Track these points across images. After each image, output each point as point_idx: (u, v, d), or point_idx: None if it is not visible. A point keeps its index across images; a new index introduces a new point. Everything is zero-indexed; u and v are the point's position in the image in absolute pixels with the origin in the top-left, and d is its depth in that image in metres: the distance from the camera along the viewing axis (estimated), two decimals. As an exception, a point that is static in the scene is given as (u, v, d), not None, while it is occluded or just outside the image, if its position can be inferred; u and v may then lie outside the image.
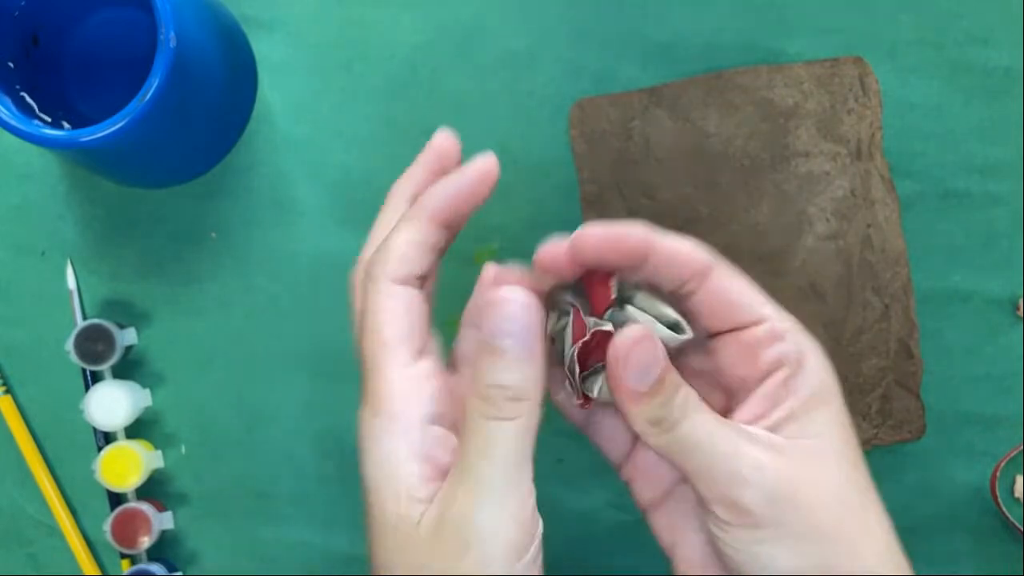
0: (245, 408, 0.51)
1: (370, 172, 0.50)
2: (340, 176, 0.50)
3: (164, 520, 0.50)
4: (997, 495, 0.48)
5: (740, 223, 0.48)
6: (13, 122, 0.42)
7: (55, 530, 0.51)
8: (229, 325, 0.51)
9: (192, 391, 0.51)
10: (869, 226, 0.48)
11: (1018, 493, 0.49)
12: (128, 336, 0.50)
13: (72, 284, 0.51)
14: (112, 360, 0.49)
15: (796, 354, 0.35)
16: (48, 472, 0.51)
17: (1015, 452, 0.49)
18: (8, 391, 0.51)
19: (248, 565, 0.51)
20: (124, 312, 0.51)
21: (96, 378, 0.50)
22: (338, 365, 0.50)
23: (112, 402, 0.49)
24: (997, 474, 0.49)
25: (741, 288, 0.36)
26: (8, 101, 0.43)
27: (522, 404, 0.33)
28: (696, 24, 0.50)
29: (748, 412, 0.35)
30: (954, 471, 0.49)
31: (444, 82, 0.50)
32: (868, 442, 0.48)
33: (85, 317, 0.51)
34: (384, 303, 0.35)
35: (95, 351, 0.49)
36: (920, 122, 0.49)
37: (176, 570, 0.51)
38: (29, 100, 0.45)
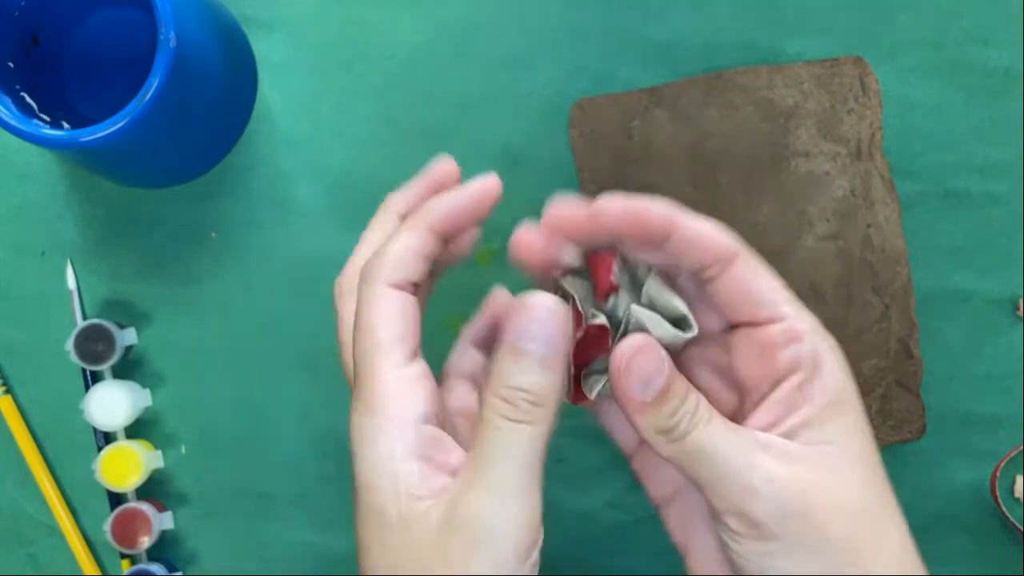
0: (245, 408, 0.51)
1: (370, 172, 0.50)
2: (340, 176, 0.50)
3: (164, 520, 0.50)
4: (997, 495, 0.48)
5: (740, 223, 0.48)
6: (13, 122, 0.42)
7: (55, 530, 0.51)
8: (229, 325, 0.51)
9: (192, 391, 0.51)
10: (869, 226, 0.48)
11: (1018, 493, 0.49)
12: (128, 336, 0.50)
13: (72, 284, 0.51)
14: (112, 360, 0.49)
15: (812, 357, 0.34)
16: (48, 472, 0.51)
17: (1015, 452, 0.49)
18: (8, 391, 0.51)
19: (248, 565, 0.51)
20: (124, 312, 0.51)
21: (96, 378, 0.50)
22: (338, 365, 0.50)
23: (112, 402, 0.49)
24: (997, 474, 0.49)
25: (763, 282, 0.35)
26: (8, 101, 0.43)
27: (541, 409, 0.33)
28: (696, 24, 0.50)
29: (763, 418, 0.34)
30: (954, 471, 0.49)
31: (444, 82, 0.50)
32: (868, 442, 0.48)
33: (85, 317, 0.51)
34: (379, 305, 0.35)
35: (95, 351, 0.49)
36: (920, 122, 0.49)
37: (176, 570, 0.51)
38: (29, 100, 0.45)
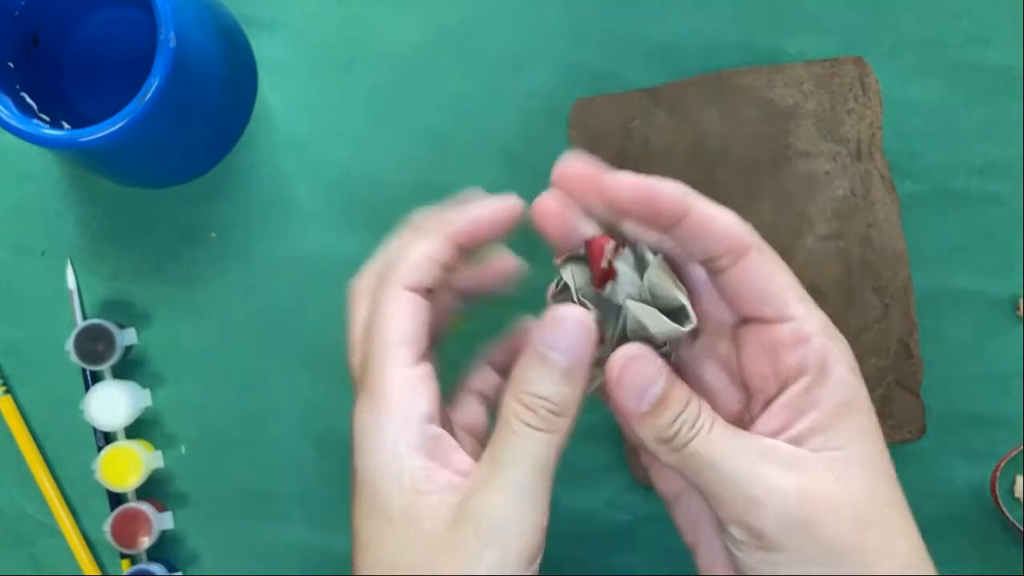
0: (245, 408, 0.51)
1: (370, 172, 0.50)
2: (340, 176, 0.50)
3: (164, 520, 0.50)
4: (997, 495, 0.48)
5: (740, 223, 0.48)
6: (13, 122, 0.42)
7: (55, 530, 0.51)
8: (229, 325, 0.51)
9: (192, 391, 0.51)
10: (869, 226, 0.48)
11: (1018, 493, 0.49)
12: (128, 336, 0.50)
13: (72, 284, 0.51)
14: (112, 360, 0.49)
15: (820, 361, 0.33)
16: (48, 472, 0.51)
17: (1015, 452, 0.49)
18: (8, 391, 0.51)
19: (248, 565, 0.51)
20: (124, 312, 0.51)
21: (96, 378, 0.50)
22: (338, 365, 0.50)
23: (112, 402, 0.49)
24: (997, 474, 0.49)
25: (775, 279, 0.34)
26: (8, 101, 0.43)
27: (560, 419, 0.33)
28: (696, 24, 0.50)
29: (770, 422, 0.34)
30: (954, 471, 0.49)
31: (444, 82, 0.50)
32: (868, 442, 0.48)
33: (85, 317, 0.51)
34: (392, 305, 0.35)
35: (95, 351, 0.49)
36: (920, 122, 0.49)
37: (176, 570, 0.51)
38: (29, 100, 0.45)
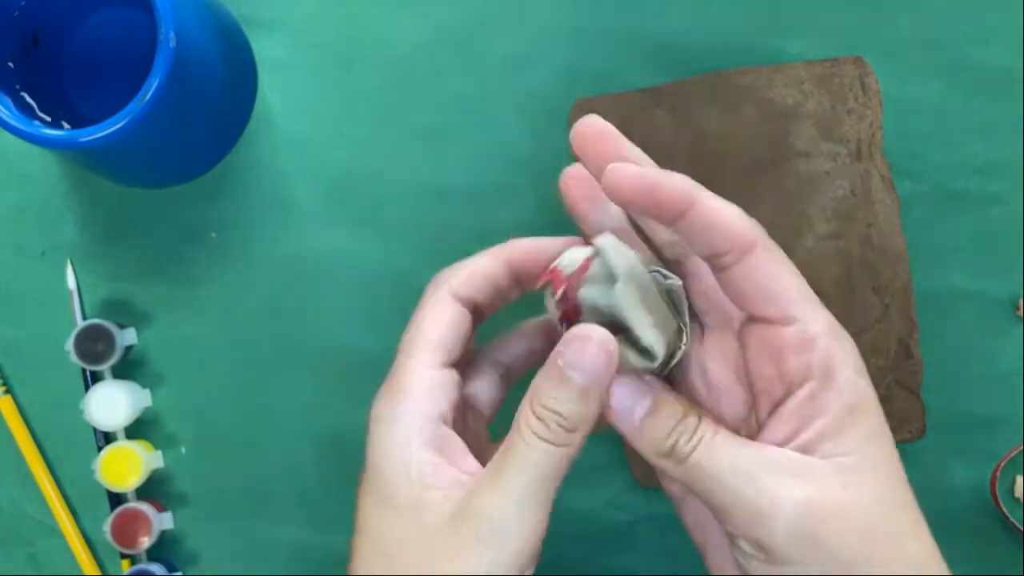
0: (245, 408, 0.51)
1: (370, 172, 0.50)
2: (340, 176, 0.50)
3: (164, 520, 0.50)
4: (997, 495, 0.48)
5: (740, 223, 0.48)
6: (13, 122, 0.42)
7: (55, 530, 0.51)
8: (229, 325, 0.51)
9: (192, 391, 0.51)
10: (869, 226, 0.48)
11: (1018, 493, 0.49)
12: (128, 336, 0.50)
13: (72, 284, 0.51)
14: (112, 360, 0.49)
15: (825, 365, 0.33)
16: (48, 472, 0.51)
17: (1015, 452, 0.49)
18: (8, 391, 0.51)
19: (248, 565, 0.51)
20: (124, 312, 0.51)
21: (96, 378, 0.50)
22: (338, 365, 0.50)
23: (112, 402, 0.49)
24: (997, 474, 0.49)
25: (779, 278, 0.34)
26: (8, 101, 0.43)
27: (572, 435, 0.33)
28: (696, 24, 0.50)
29: (778, 431, 0.33)
30: (954, 471, 0.49)
31: (444, 82, 0.50)
32: (868, 442, 0.48)
33: (85, 317, 0.51)
34: (436, 308, 0.36)
35: (95, 351, 0.49)
36: (920, 122, 0.49)
37: (176, 570, 0.51)
38: (29, 100, 0.45)
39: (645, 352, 0.34)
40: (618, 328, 0.34)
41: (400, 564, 0.33)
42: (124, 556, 0.50)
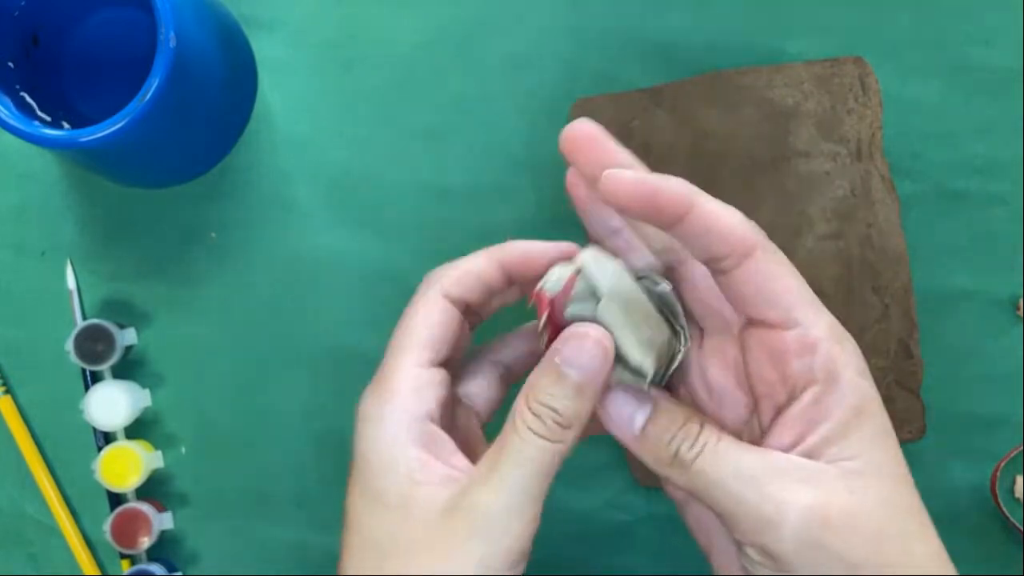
0: (245, 408, 0.51)
1: (370, 172, 0.50)
2: (340, 176, 0.50)
3: (164, 520, 0.50)
4: (997, 495, 0.48)
5: (740, 223, 0.48)
6: (13, 122, 0.42)
7: (55, 530, 0.51)
8: (229, 325, 0.51)
9: (192, 391, 0.51)
10: (869, 226, 0.48)
11: (1018, 493, 0.49)
12: (128, 336, 0.50)
13: (72, 284, 0.51)
14: (112, 360, 0.49)
15: (827, 368, 0.33)
16: (48, 472, 0.51)
17: (1015, 452, 0.49)
18: (8, 391, 0.51)
19: (248, 565, 0.51)
20: (124, 312, 0.51)
21: (96, 378, 0.50)
22: (338, 365, 0.50)
23: (112, 402, 0.49)
24: (997, 474, 0.49)
25: (780, 281, 0.33)
26: (8, 101, 0.43)
27: (567, 431, 0.33)
28: (696, 24, 0.50)
29: (784, 437, 0.33)
30: (954, 471, 0.49)
31: (444, 82, 0.50)
32: (868, 442, 0.48)
33: (85, 317, 0.51)
34: (426, 307, 0.37)
35: (95, 351, 0.49)
36: (920, 122, 0.49)
37: (176, 570, 0.51)
38: (29, 100, 0.45)
39: (635, 370, 0.34)
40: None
41: (391, 559, 0.33)
42: (124, 556, 0.50)
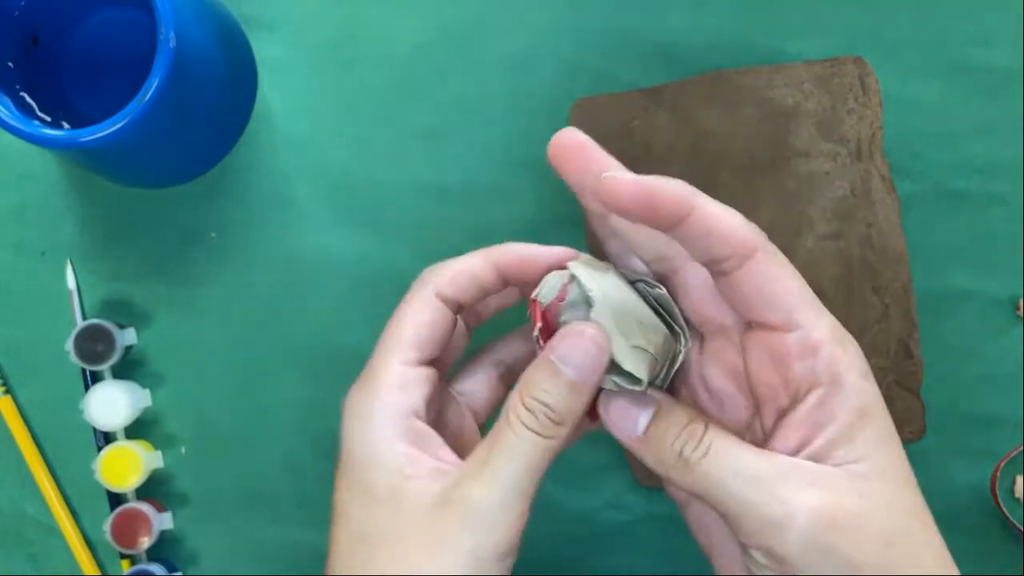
0: (245, 408, 0.51)
1: (370, 172, 0.50)
2: (340, 176, 0.50)
3: (164, 520, 0.50)
4: (997, 495, 0.48)
5: (740, 223, 0.48)
6: (13, 122, 0.42)
7: (55, 530, 0.51)
8: (229, 325, 0.51)
9: (192, 391, 0.51)
10: (869, 226, 0.48)
11: (1018, 493, 0.49)
12: (128, 336, 0.50)
13: (72, 284, 0.51)
14: (112, 360, 0.49)
15: (830, 371, 0.33)
16: (48, 472, 0.51)
17: (1015, 452, 0.49)
18: (8, 391, 0.51)
19: (248, 565, 0.51)
20: (124, 312, 0.51)
21: (96, 378, 0.50)
22: (338, 365, 0.50)
23: (112, 402, 0.49)
24: (997, 474, 0.49)
25: (781, 283, 0.33)
26: (8, 101, 0.43)
27: (559, 428, 0.34)
28: (696, 24, 0.50)
29: (789, 440, 0.33)
30: (954, 471, 0.49)
31: (444, 82, 0.50)
32: (868, 442, 0.48)
33: (85, 317, 0.51)
34: (418, 305, 0.37)
35: (95, 351, 0.49)
36: (920, 122, 0.49)
37: (176, 570, 0.51)
38: (29, 100, 0.45)
39: (629, 375, 0.34)
40: None
41: (381, 551, 0.34)
42: (124, 556, 0.50)
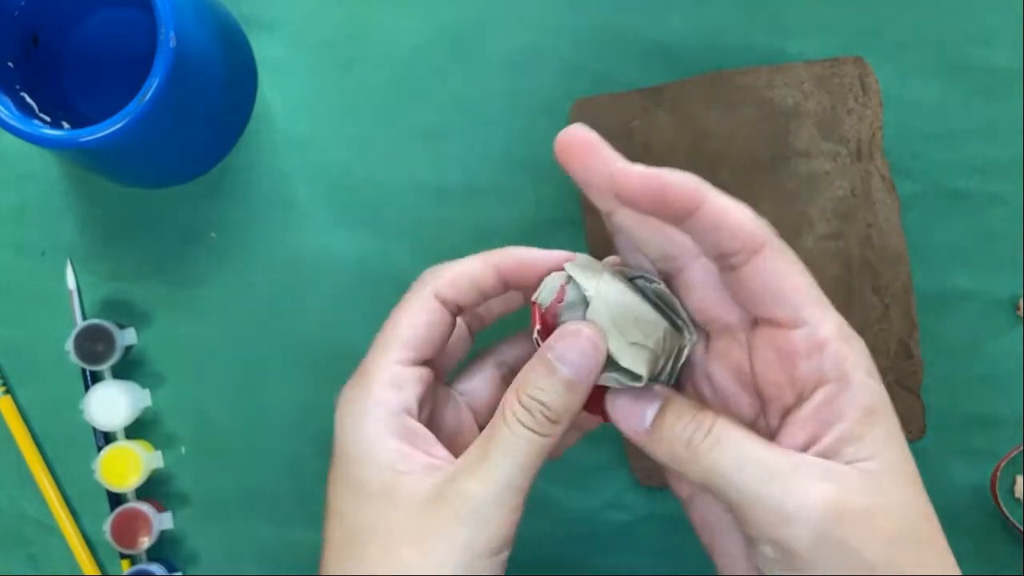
0: (245, 408, 0.51)
1: (370, 172, 0.50)
2: (340, 176, 0.50)
3: (164, 520, 0.50)
4: (997, 495, 0.48)
5: (740, 223, 0.48)
6: (13, 122, 0.42)
7: (55, 530, 0.51)
8: (229, 325, 0.51)
9: (192, 391, 0.51)
10: (869, 226, 0.48)
11: (1018, 493, 0.49)
12: (128, 336, 0.50)
13: (72, 284, 0.51)
14: (112, 360, 0.49)
15: (838, 368, 0.33)
16: (48, 472, 0.51)
17: (1015, 452, 0.49)
18: (8, 391, 0.51)
19: (248, 565, 0.51)
20: (124, 312, 0.51)
21: (96, 378, 0.50)
22: (338, 365, 0.50)
23: (112, 402, 0.49)
24: (997, 474, 0.49)
25: (788, 279, 0.33)
26: (8, 101, 0.43)
27: (555, 425, 0.34)
28: (696, 24, 0.50)
29: (797, 437, 0.33)
30: (954, 471, 0.49)
31: (444, 82, 0.50)
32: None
33: (85, 317, 0.51)
34: (415, 306, 0.37)
35: (95, 351, 0.49)
36: (920, 122, 0.49)
37: (176, 570, 0.51)
38: (29, 100, 0.45)
39: (628, 372, 0.34)
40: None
41: (374, 547, 0.34)
42: (124, 556, 0.50)
